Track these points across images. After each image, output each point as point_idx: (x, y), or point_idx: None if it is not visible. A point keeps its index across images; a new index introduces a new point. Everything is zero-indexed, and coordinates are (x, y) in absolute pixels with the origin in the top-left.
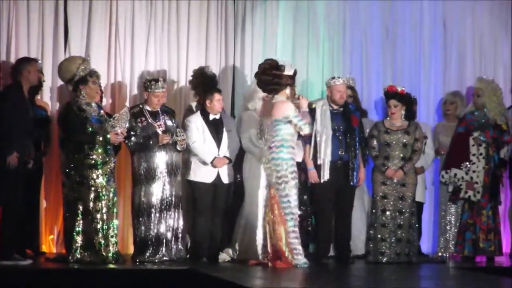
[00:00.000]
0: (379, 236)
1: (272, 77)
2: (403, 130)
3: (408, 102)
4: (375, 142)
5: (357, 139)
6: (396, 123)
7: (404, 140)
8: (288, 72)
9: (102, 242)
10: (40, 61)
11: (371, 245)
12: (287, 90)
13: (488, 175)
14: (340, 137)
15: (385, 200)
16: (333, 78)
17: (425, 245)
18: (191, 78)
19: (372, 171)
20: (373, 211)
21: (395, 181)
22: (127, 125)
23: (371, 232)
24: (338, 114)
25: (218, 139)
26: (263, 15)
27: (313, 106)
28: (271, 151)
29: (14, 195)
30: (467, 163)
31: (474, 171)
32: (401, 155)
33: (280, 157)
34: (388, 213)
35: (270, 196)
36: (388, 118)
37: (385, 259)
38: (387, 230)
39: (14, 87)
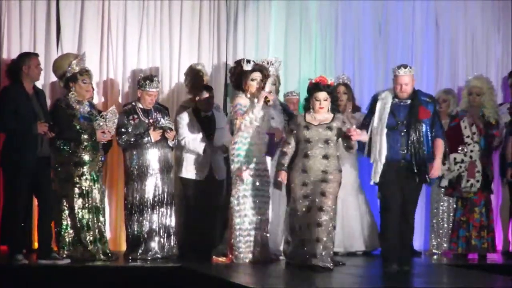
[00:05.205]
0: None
1: (231, 73)
2: (325, 124)
3: (334, 95)
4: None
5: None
6: (321, 117)
7: (326, 136)
8: (245, 67)
9: (89, 238)
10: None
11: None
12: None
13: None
14: (402, 133)
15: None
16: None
17: (417, 243)
18: (184, 75)
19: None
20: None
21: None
22: (115, 124)
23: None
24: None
25: (209, 136)
26: (255, 13)
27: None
28: (231, 147)
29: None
30: (463, 145)
31: (471, 151)
32: (323, 152)
33: (234, 154)
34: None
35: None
36: (311, 112)
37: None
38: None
39: (13, 85)
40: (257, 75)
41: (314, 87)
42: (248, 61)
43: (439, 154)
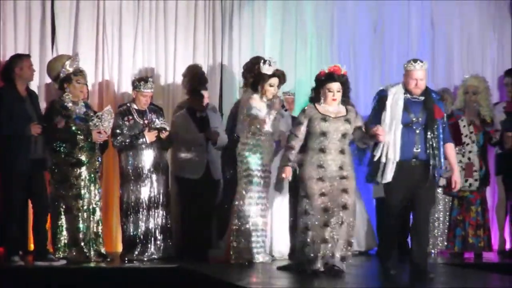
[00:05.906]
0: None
1: (246, 71)
2: (343, 117)
3: (347, 86)
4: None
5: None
6: (334, 109)
7: (345, 130)
8: (264, 70)
9: (84, 240)
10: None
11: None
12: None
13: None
14: (418, 130)
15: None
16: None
17: None
18: (182, 76)
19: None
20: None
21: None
22: (111, 124)
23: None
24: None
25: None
26: (250, 13)
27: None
28: (241, 147)
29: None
30: (461, 146)
31: (470, 152)
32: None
33: (243, 155)
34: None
35: None
36: (322, 104)
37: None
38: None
39: (6, 87)
40: (275, 81)
41: (328, 77)
42: (266, 62)
43: (455, 162)
